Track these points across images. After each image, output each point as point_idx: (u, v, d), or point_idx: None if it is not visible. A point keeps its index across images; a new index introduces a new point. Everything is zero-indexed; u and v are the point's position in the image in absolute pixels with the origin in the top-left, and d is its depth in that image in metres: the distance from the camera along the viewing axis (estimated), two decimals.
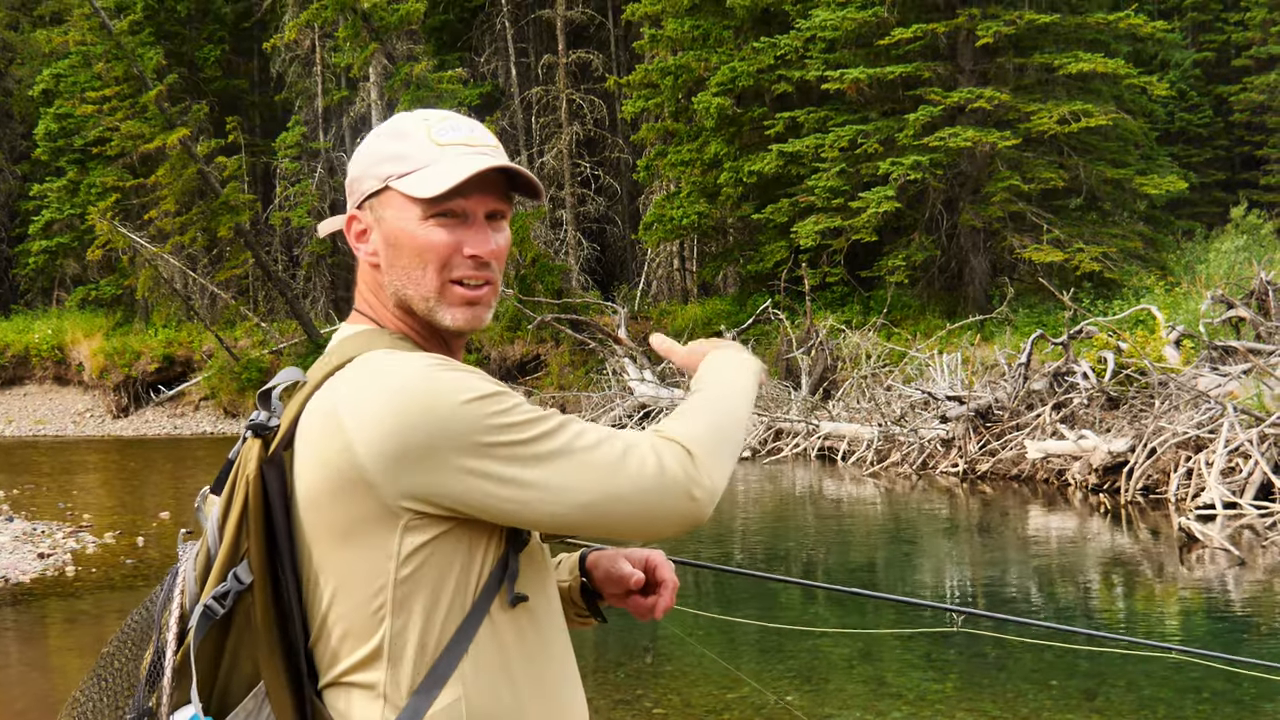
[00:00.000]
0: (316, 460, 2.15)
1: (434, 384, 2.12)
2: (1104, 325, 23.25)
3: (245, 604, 2.20)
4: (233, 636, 2.23)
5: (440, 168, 2.27)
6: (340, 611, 2.17)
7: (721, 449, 2.25)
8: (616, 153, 46.69)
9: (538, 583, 2.33)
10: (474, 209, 2.31)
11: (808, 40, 33.98)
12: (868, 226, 31.52)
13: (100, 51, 41.34)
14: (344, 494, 2.12)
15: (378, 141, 2.35)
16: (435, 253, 2.28)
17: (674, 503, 2.16)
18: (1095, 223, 32.66)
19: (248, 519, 2.19)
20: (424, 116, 2.36)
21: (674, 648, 11.06)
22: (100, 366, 45.92)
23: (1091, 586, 13.91)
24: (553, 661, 2.33)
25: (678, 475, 2.15)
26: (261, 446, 2.22)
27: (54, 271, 53.09)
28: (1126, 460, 19.01)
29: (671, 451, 2.17)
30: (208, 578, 2.24)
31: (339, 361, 2.23)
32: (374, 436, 2.09)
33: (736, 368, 2.47)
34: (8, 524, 19.96)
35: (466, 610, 2.18)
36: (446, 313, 2.31)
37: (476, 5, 49.29)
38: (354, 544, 2.14)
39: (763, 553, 16.89)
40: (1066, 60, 30.74)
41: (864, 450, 24.04)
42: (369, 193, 2.33)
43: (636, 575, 2.61)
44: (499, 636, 2.22)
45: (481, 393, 2.13)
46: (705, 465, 2.19)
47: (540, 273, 38.16)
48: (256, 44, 50.42)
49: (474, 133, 2.35)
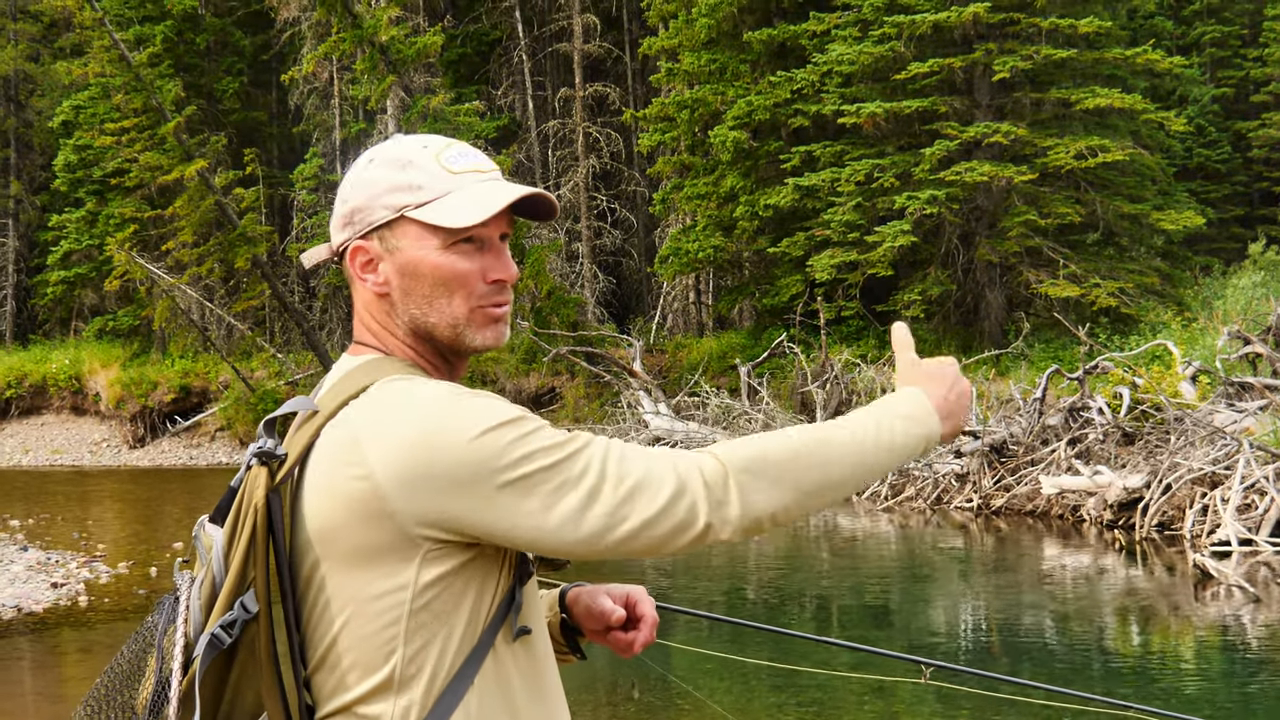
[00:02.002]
0: (332, 489, 2.13)
1: (457, 412, 2.11)
2: (1120, 361, 23.17)
3: (250, 633, 2.18)
4: (236, 667, 2.21)
5: (462, 196, 2.26)
6: (350, 641, 2.16)
7: (778, 480, 2.17)
8: (632, 186, 46.75)
9: (535, 617, 2.33)
10: (491, 234, 2.31)
11: (824, 74, 34.03)
12: (883, 260, 31.49)
13: (119, 83, 41.47)
14: (363, 522, 2.11)
15: (380, 171, 2.31)
16: (461, 281, 2.28)
17: (684, 530, 2.13)
18: (1112, 258, 32.59)
19: (255, 548, 2.17)
20: (424, 143, 2.33)
21: (654, 682, 11.03)
22: (117, 397, 45.99)
23: (1104, 629, 13.84)
24: (547, 694, 2.33)
25: (693, 501, 2.13)
26: (267, 475, 2.20)
27: (72, 302, 53.25)
28: (1142, 496, 18.93)
29: (704, 467, 2.15)
30: (213, 607, 2.21)
31: (353, 390, 2.21)
32: (397, 465, 2.08)
33: (894, 415, 2.33)
34: (22, 553, 20.01)
35: (475, 642, 2.18)
36: (476, 335, 2.31)
37: (494, 39, 49.47)
38: (370, 573, 2.13)
39: (767, 588, 16.84)
40: (1083, 95, 30.72)
41: (878, 485, 23.96)
42: (378, 223, 2.29)
43: (618, 612, 2.60)
44: (502, 669, 2.22)
45: (503, 420, 2.11)
46: (742, 491, 2.15)
47: (556, 305, 38.17)
48: (275, 76, 50.62)
49: (480, 159, 2.35)
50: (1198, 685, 11.24)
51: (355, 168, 2.38)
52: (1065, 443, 21.26)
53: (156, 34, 46.28)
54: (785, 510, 2.19)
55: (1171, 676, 11.55)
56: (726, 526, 2.15)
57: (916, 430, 2.33)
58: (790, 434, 2.24)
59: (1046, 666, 11.72)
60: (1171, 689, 10.97)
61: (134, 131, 41.82)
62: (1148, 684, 11.12)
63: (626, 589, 2.67)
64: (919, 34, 31.70)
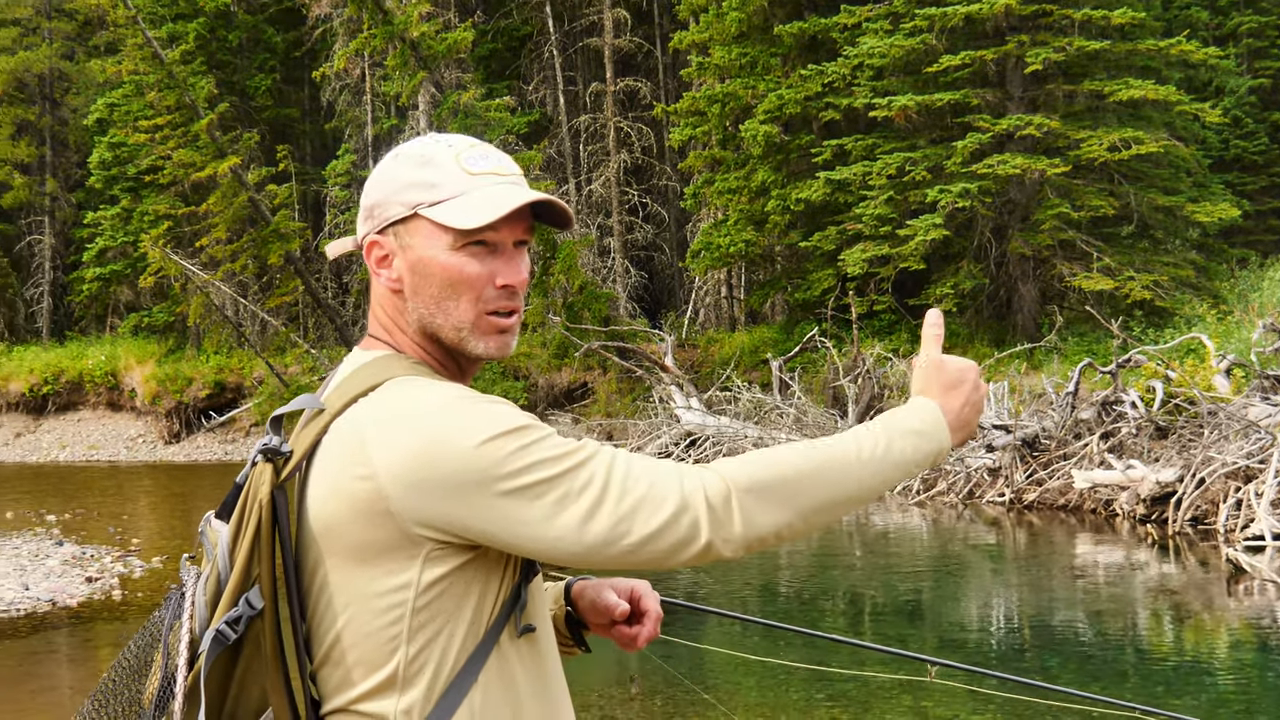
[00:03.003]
0: (337, 486, 2.14)
1: (463, 417, 2.12)
2: (1153, 354, 23.04)
3: (255, 630, 2.19)
4: (241, 662, 2.21)
5: (475, 197, 2.26)
6: (353, 638, 2.17)
7: (779, 499, 2.16)
8: (664, 180, 46.72)
9: (539, 614, 2.35)
10: (504, 239, 2.31)
11: (855, 67, 33.93)
12: (915, 254, 31.37)
13: (153, 81, 41.67)
14: (366, 521, 2.12)
15: (401, 167, 2.33)
16: (469, 284, 2.28)
17: (685, 546, 2.12)
18: (1146, 250, 32.37)
19: (260, 544, 2.17)
20: (449, 143, 2.34)
21: (656, 677, 11.03)
22: (152, 392, 46.27)
23: (1135, 625, 13.78)
24: (551, 691, 2.34)
25: (694, 520, 2.11)
26: (273, 472, 2.20)
27: (107, 298, 53.59)
28: (1175, 490, 18.82)
29: (707, 485, 2.13)
30: (218, 603, 2.22)
31: (361, 388, 2.22)
32: (400, 466, 2.09)
33: (905, 431, 2.31)
34: (57, 548, 20.16)
35: (479, 640, 2.19)
36: (479, 342, 2.31)
37: (525, 34, 49.51)
38: (373, 570, 2.14)
39: (797, 585, 16.81)
40: (1117, 87, 30.52)
41: (910, 479, 23.85)
42: (394, 219, 2.30)
43: (621, 606, 2.62)
44: (506, 666, 2.23)
45: (509, 427, 2.11)
46: (745, 511, 2.13)
47: (588, 300, 38.16)
48: (307, 73, 50.74)
49: (502, 162, 2.34)
50: (1228, 683, 11.17)
51: (381, 163, 2.40)
52: (1098, 437, 21.17)
53: (189, 31, 46.58)
54: (790, 529, 2.19)
55: (1202, 674, 11.48)
56: (728, 545, 2.15)
57: (927, 447, 2.32)
58: (798, 452, 2.21)
59: (1075, 664, 11.66)
60: (1201, 687, 10.91)
61: (167, 129, 42.04)
62: (1178, 681, 11.06)
63: (631, 583, 2.69)
64: (951, 26, 31.55)
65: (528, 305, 40.78)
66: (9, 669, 12.75)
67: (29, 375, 48.90)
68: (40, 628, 14.67)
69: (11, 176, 54.72)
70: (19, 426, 48.79)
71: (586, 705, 10.27)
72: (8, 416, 49.27)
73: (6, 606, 15.55)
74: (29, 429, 48.57)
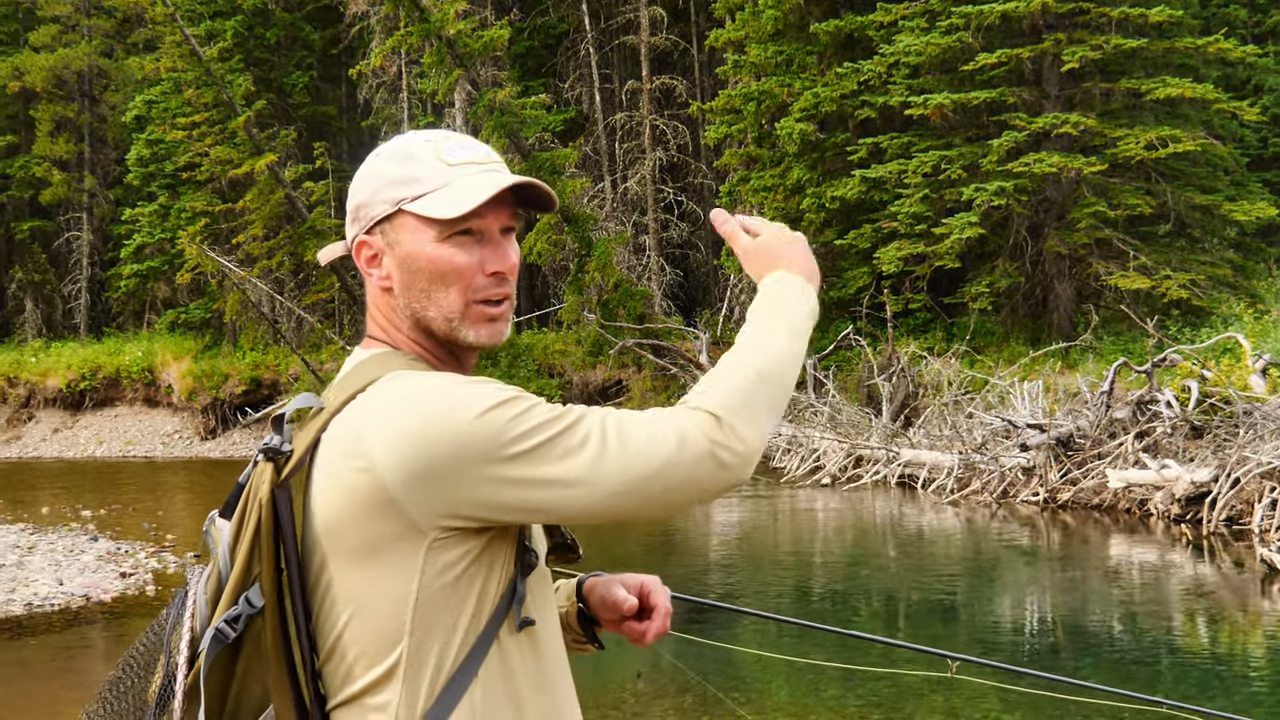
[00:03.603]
0: (337, 483, 2.16)
1: (452, 398, 2.13)
2: (1189, 353, 22.91)
3: (255, 628, 2.21)
4: (242, 660, 2.24)
5: (456, 188, 2.27)
6: (356, 633, 2.18)
7: (755, 409, 2.20)
8: (699, 178, 46.71)
9: (542, 608, 2.35)
10: (490, 226, 2.32)
11: (891, 66, 33.85)
12: (951, 253, 31.28)
13: (191, 78, 41.88)
14: (367, 515, 2.13)
15: (382, 165, 2.35)
16: (458, 273, 2.29)
17: (703, 473, 2.14)
18: (1183, 249, 32.20)
19: (259, 543, 2.20)
20: (426, 138, 2.36)
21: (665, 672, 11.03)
22: (189, 389, 46.44)
23: (1169, 625, 13.72)
24: (554, 686, 2.35)
25: (701, 446, 2.13)
26: (274, 471, 2.22)
27: (145, 295, 53.87)
28: (1209, 490, 18.72)
29: (695, 421, 2.15)
30: (219, 601, 2.25)
31: (358, 386, 2.23)
32: (398, 456, 2.10)
33: (791, 307, 2.39)
34: (92, 543, 20.29)
35: (479, 632, 2.20)
36: (470, 330, 2.32)
37: (561, 32, 49.57)
38: (376, 565, 2.15)
39: (829, 582, 16.80)
40: (1154, 85, 30.34)
41: (944, 478, 23.81)
42: (379, 217, 2.33)
43: (630, 601, 2.63)
44: (506, 660, 2.23)
45: (497, 400, 2.13)
46: (736, 428, 2.15)
47: (623, 298, 38.15)
48: (344, 70, 50.86)
49: (480, 151, 2.36)
50: (1262, 683, 11.12)
51: (364, 164, 2.43)
52: (1133, 436, 21.06)
53: (227, 29, 46.74)
54: (769, 429, 2.24)
55: (1234, 674, 11.42)
56: (743, 467, 2.17)
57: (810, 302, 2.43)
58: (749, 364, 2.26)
59: (1108, 663, 11.62)
60: (1235, 686, 10.86)
61: (205, 126, 42.23)
62: (1211, 681, 11.01)
63: (640, 578, 2.70)
64: (987, 24, 31.43)
65: (562, 303, 40.93)
66: (43, 663, 12.85)
67: (66, 371, 49.15)
68: (74, 623, 14.77)
69: (50, 173, 55.02)
70: (56, 422, 49.06)
71: (599, 703, 10.27)
72: (45, 412, 49.54)
73: (41, 601, 15.66)
74: (66, 425, 48.83)
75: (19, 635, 14.17)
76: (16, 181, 56.39)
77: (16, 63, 55.36)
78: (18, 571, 17.46)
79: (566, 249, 39.77)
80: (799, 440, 28.13)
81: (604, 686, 10.75)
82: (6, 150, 57.35)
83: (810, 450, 27.69)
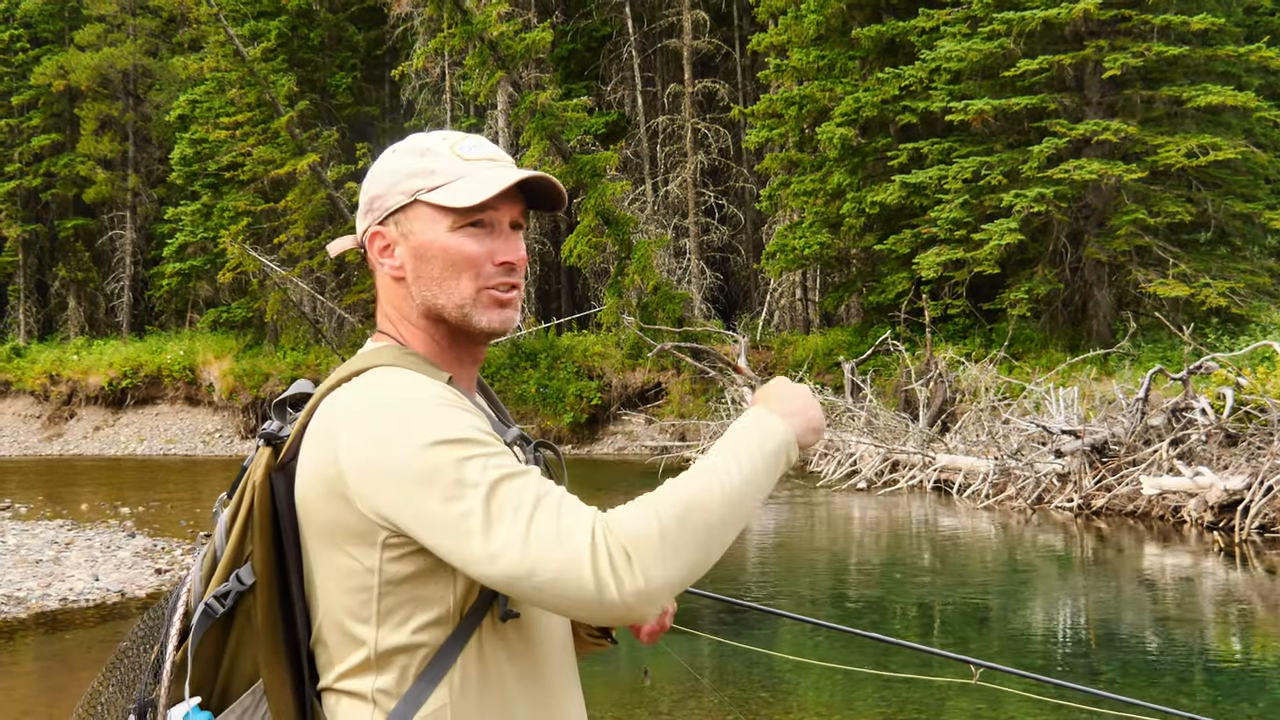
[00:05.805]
0: (313, 470, 2.22)
1: (422, 418, 2.16)
2: (1225, 361, 22.84)
3: (246, 604, 2.29)
4: (234, 636, 2.31)
5: (471, 180, 2.35)
6: (333, 619, 2.25)
7: (678, 548, 2.06)
8: (740, 182, 46.76)
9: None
10: (501, 219, 2.40)
11: (933, 71, 33.80)
12: (990, 258, 31.21)
13: (234, 78, 42.21)
14: (329, 502, 2.19)
15: (400, 159, 2.44)
16: (469, 261, 2.36)
17: (587, 599, 2.03)
18: (1224, 257, 32.09)
19: (252, 523, 2.29)
20: (443, 135, 2.45)
21: (667, 671, 11.08)
22: (230, 387, 46.70)
23: (1201, 633, 13.69)
24: (547, 681, 2.37)
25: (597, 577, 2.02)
26: (271, 454, 2.32)
27: (187, 294, 54.25)
28: (1243, 498, 18.68)
29: (604, 546, 2.04)
30: (213, 578, 2.34)
31: (346, 374, 2.31)
32: (357, 455, 2.15)
33: (758, 442, 2.24)
34: (129, 540, 20.41)
35: (455, 625, 2.23)
36: (482, 316, 2.38)
37: (604, 35, 49.68)
38: (340, 552, 2.21)
39: (862, 585, 16.82)
40: (1196, 93, 30.24)
41: (979, 483, 23.81)
42: (394, 208, 2.40)
43: None
44: (488, 650, 2.27)
45: (451, 437, 2.13)
46: (643, 565, 2.03)
47: (662, 301, 38.21)
48: (387, 71, 51.13)
49: (494, 150, 2.45)
50: None
51: (379, 159, 2.51)
52: (1167, 443, 21.01)
53: (271, 29, 47.01)
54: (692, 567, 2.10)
55: (1268, 682, 11.41)
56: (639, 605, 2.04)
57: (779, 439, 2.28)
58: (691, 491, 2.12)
59: (1139, 671, 11.62)
60: (1268, 696, 10.85)
61: (248, 126, 42.54)
62: (1242, 690, 11.00)
63: None
64: (1029, 30, 31.39)
65: (601, 305, 40.97)
66: (76, 658, 12.97)
67: (108, 369, 49.50)
68: (109, 618, 14.89)
69: (94, 172, 55.45)
70: (98, 420, 49.43)
71: (613, 703, 10.34)
72: (87, 410, 49.91)
73: (76, 596, 15.79)
74: (108, 422, 49.18)
75: (54, 630, 14.31)
76: (61, 180, 56.88)
77: (62, 61, 55.84)
78: (54, 567, 17.60)
79: (607, 252, 39.86)
80: (835, 445, 28.16)
81: (613, 686, 10.81)
82: (51, 148, 57.82)
83: (846, 455, 27.71)
